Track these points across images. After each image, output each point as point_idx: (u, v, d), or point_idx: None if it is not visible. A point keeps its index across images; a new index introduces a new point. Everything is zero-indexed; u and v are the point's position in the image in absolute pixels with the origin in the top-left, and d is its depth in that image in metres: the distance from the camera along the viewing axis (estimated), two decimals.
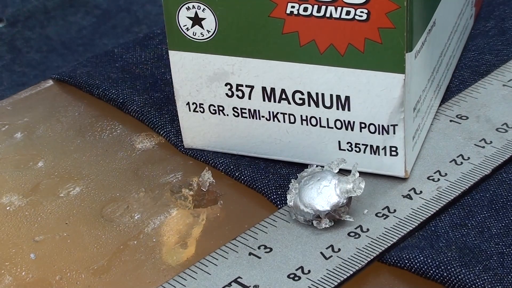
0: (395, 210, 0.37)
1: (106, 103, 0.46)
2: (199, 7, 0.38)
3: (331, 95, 0.38)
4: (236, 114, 0.40)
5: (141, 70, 0.49)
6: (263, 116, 0.40)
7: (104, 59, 0.50)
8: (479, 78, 0.46)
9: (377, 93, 0.37)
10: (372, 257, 0.35)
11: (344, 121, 0.38)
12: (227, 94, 0.40)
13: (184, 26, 0.39)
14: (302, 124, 0.39)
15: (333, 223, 0.36)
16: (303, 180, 0.37)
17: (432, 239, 0.36)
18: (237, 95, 0.40)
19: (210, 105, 0.40)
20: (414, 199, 0.38)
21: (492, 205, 0.38)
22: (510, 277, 0.34)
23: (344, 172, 0.38)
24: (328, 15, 0.36)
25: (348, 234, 0.36)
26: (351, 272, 0.34)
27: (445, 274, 0.34)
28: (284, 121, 0.39)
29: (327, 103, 0.38)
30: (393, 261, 0.35)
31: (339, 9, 0.36)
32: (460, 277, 0.34)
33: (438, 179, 0.39)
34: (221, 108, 0.40)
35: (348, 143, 0.39)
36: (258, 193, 0.39)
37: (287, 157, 0.40)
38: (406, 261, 0.35)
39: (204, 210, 0.39)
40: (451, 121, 0.43)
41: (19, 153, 0.44)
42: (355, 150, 0.39)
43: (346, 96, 0.38)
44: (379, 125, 0.38)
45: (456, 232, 0.36)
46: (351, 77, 0.37)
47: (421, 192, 0.38)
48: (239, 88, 0.39)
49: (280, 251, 0.36)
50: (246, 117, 0.40)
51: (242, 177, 0.40)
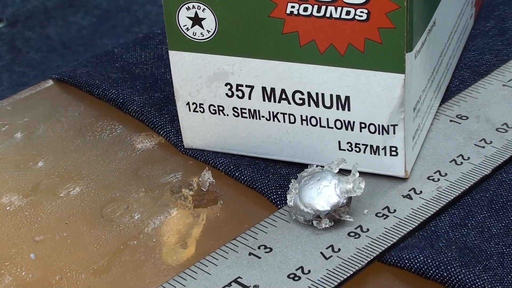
0: (395, 210, 0.37)
1: (106, 103, 0.46)
2: (199, 7, 0.38)
3: (331, 95, 0.38)
4: (236, 114, 0.40)
5: (141, 70, 0.49)
6: (263, 116, 0.40)
7: (104, 59, 0.50)
8: (479, 78, 0.46)
9: (377, 93, 0.37)
10: (372, 257, 0.35)
11: (344, 121, 0.38)
12: (227, 94, 0.40)
13: (184, 26, 0.39)
14: (302, 124, 0.39)
15: (333, 223, 0.36)
16: (303, 180, 0.37)
17: (432, 239, 0.36)
18: (237, 95, 0.40)
19: (210, 105, 0.40)
20: (414, 199, 0.38)
21: (492, 205, 0.38)
22: (510, 277, 0.34)
23: (344, 172, 0.38)
24: (328, 15, 0.36)
25: (348, 234, 0.36)
26: (351, 272, 0.34)
27: (445, 274, 0.34)
28: (284, 121, 0.39)
29: (327, 103, 0.38)
30: (393, 261, 0.35)
31: (339, 9, 0.36)
32: (460, 277, 0.34)
33: (438, 179, 0.39)
34: (221, 108, 0.40)
35: (348, 143, 0.39)
36: (258, 193, 0.39)
37: (287, 157, 0.40)
38: (406, 261, 0.35)
39: (204, 210, 0.39)
40: (451, 121, 0.43)
41: (19, 153, 0.44)
42: (355, 150, 0.39)
43: (346, 96, 0.38)
44: (379, 125, 0.38)
45: (456, 232, 0.36)
46: (351, 77, 0.37)
47: (421, 192, 0.38)
48: (239, 88, 0.39)
49: (280, 251, 0.36)
50: (246, 117, 0.40)
51: (242, 177, 0.40)
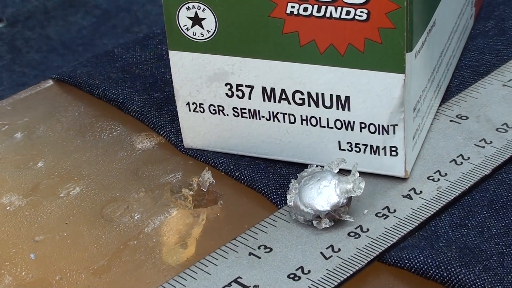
0: (395, 210, 0.37)
1: (106, 103, 0.46)
2: (199, 7, 0.38)
3: (331, 95, 0.38)
4: (236, 114, 0.40)
5: (141, 70, 0.49)
6: (263, 116, 0.40)
7: (104, 59, 0.50)
8: (479, 78, 0.46)
9: (377, 93, 0.37)
10: (372, 257, 0.35)
11: (344, 121, 0.38)
12: (227, 94, 0.40)
13: (184, 26, 0.39)
14: (302, 124, 0.39)
15: (333, 223, 0.36)
16: (303, 180, 0.37)
17: (432, 239, 0.36)
18: (237, 95, 0.40)
19: (210, 105, 0.40)
20: (414, 199, 0.38)
21: (492, 205, 0.38)
22: (510, 277, 0.34)
23: (344, 172, 0.38)
24: (328, 15, 0.36)
25: (348, 234, 0.36)
26: (351, 272, 0.34)
27: (445, 274, 0.34)
28: (284, 121, 0.39)
29: (327, 103, 0.38)
30: (393, 261, 0.35)
31: (339, 9, 0.36)
32: (460, 277, 0.34)
33: (438, 179, 0.39)
34: (221, 108, 0.40)
35: (348, 143, 0.39)
36: (258, 193, 0.39)
37: (287, 157, 0.40)
38: (406, 261, 0.35)
39: (204, 210, 0.39)
40: (451, 121, 0.43)
41: (19, 153, 0.44)
42: (355, 150, 0.39)
43: (346, 96, 0.38)
44: (379, 125, 0.38)
45: (456, 232, 0.36)
46: (351, 77, 0.37)
47: (421, 192, 0.38)
48: (239, 88, 0.39)
49: (280, 251, 0.36)
50: (246, 117, 0.40)
51: (242, 177, 0.40)
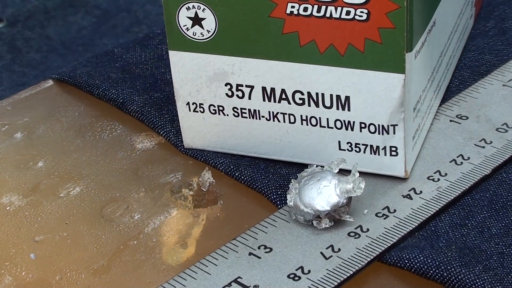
0: (395, 210, 0.37)
1: (106, 103, 0.46)
2: (199, 7, 0.38)
3: (331, 95, 0.38)
4: (236, 114, 0.40)
5: (141, 70, 0.49)
6: (263, 116, 0.40)
7: (104, 59, 0.50)
8: (479, 78, 0.46)
9: (377, 93, 0.37)
10: (372, 257, 0.35)
11: (344, 121, 0.38)
12: (227, 94, 0.40)
13: (184, 26, 0.39)
14: (302, 124, 0.39)
15: (333, 223, 0.36)
16: (303, 180, 0.37)
17: (432, 239, 0.36)
18: (237, 95, 0.40)
19: (210, 105, 0.40)
20: (414, 199, 0.38)
21: (492, 205, 0.38)
22: (510, 277, 0.34)
23: (344, 172, 0.38)
24: (328, 15, 0.36)
25: (348, 234, 0.36)
26: (351, 272, 0.34)
27: (445, 274, 0.34)
28: (284, 121, 0.39)
29: (327, 103, 0.38)
30: (393, 261, 0.35)
31: (339, 9, 0.36)
32: (460, 277, 0.34)
33: (438, 179, 0.39)
34: (221, 108, 0.40)
35: (348, 143, 0.39)
36: (258, 193, 0.39)
37: (287, 157, 0.40)
38: (406, 261, 0.35)
39: (204, 210, 0.39)
40: (451, 121, 0.43)
41: (19, 153, 0.44)
42: (355, 150, 0.39)
43: (346, 96, 0.38)
44: (379, 125, 0.38)
45: (456, 232, 0.36)
46: (351, 77, 0.37)
47: (421, 192, 0.38)
48: (239, 88, 0.39)
49: (280, 251, 0.36)
50: (246, 117, 0.40)
51: (242, 177, 0.40)
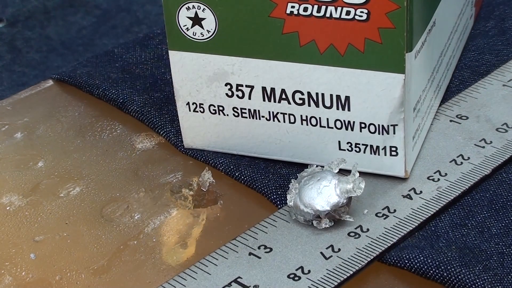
0: (395, 210, 0.37)
1: (106, 103, 0.46)
2: (199, 7, 0.38)
3: (331, 95, 0.38)
4: (236, 114, 0.40)
5: (141, 70, 0.49)
6: (263, 116, 0.40)
7: (104, 59, 0.50)
8: (479, 78, 0.46)
9: (377, 93, 0.37)
10: (372, 257, 0.35)
11: (344, 121, 0.38)
12: (227, 94, 0.40)
13: (184, 26, 0.39)
14: (302, 124, 0.39)
15: (333, 223, 0.36)
16: (303, 180, 0.37)
17: (432, 239, 0.36)
18: (237, 95, 0.40)
19: (210, 105, 0.40)
20: (414, 199, 0.38)
21: (492, 205, 0.38)
22: (510, 277, 0.34)
23: (344, 172, 0.38)
24: (328, 15, 0.36)
25: (348, 234, 0.36)
26: (351, 272, 0.34)
27: (445, 274, 0.34)
28: (284, 121, 0.39)
29: (327, 103, 0.38)
30: (393, 261, 0.35)
31: (339, 9, 0.36)
32: (460, 277, 0.34)
33: (438, 179, 0.39)
34: (221, 108, 0.40)
35: (348, 143, 0.39)
36: (258, 193, 0.39)
37: (287, 157, 0.40)
38: (406, 261, 0.35)
39: (204, 210, 0.39)
40: (451, 121, 0.43)
41: (19, 153, 0.44)
42: (355, 150, 0.39)
43: (346, 96, 0.38)
44: (379, 125, 0.38)
45: (456, 232, 0.36)
46: (351, 77, 0.37)
47: (421, 192, 0.38)
48: (239, 88, 0.39)
49: (280, 251, 0.36)
50: (246, 117, 0.40)
51: (242, 177, 0.40)
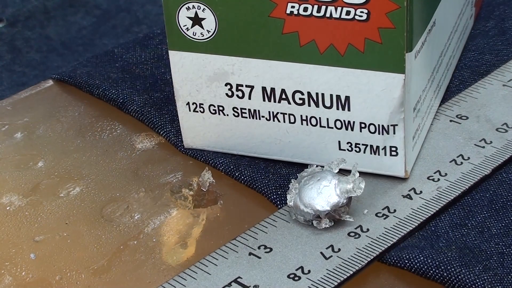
0: (395, 210, 0.37)
1: (106, 103, 0.46)
2: (199, 7, 0.38)
3: (331, 95, 0.38)
4: (236, 114, 0.40)
5: (141, 70, 0.49)
6: (263, 116, 0.40)
7: (104, 59, 0.50)
8: (479, 78, 0.46)
9: (377, 93, 0.37)
10: (372, 257, 0.35)
11: (344, 121, 0.38)
12: (227, 94, 0.40)
13: (184, 26, 0.39)
14: (302, 124, 0.39)
15: (333, 223, 0.36)
16: (303, 180, 0.37)
17: (432, 239, 0.36)
18: (237, 95, 0.40)
19: (210, 105, 0.40)
20: (414, 199, 0.38)
21: (492, 205, 0.38)
22: (510, 277, 0.34)
23: (344, 172, 0.38)
24: (328, 15, 0.36)
25: (348, 234, 0.36)
26: (351, 272, 0.34)
27: (445, 274, 0.34)
28: (284, 121, 0.39)
29: (327, 103, 0.38)
30: (393, 261, 0.35)
31: (339, 9, 0.36)
32: (460, 277, 0.34)
33: (438, 179, 0.39)
34: (221, 108, 0.40)
35: (348, 143, 0.39)
36: (258, 193, 0.39)
37: (287, 157, 0.40)
38: (406, 261, 0.35)
39: (204, 210, 0.39)
40: (451, 121, 0.43)
41: (19, 153, 0.44)
42: (355, 150, 0.39)
43: (346, 96, 0.38)
44: (379, 125, 0.38)
45: (456, 232, 0.36)
46: (351, 77, 0.37)
47: (421, 192, 0.38)
48: (239, 88, 0.39)
49: (280, 251, 0.36)
50: (246, 117, 0.40)
51: (242, 177, 0.40)
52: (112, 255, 0.36)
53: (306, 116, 0.39)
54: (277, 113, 0.39)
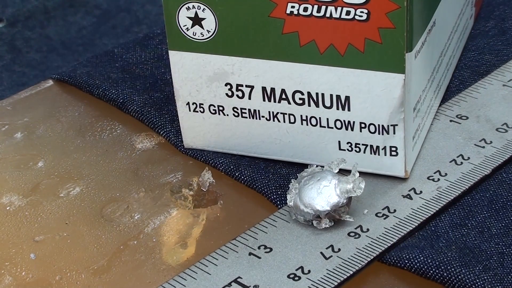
0: (395, 210, 0.37)
1: (106, 103, 0.46)
2: (199, 7, 0.38)
3: (331, 95, 0.38)
4: (236, 114, 0.40)
5: (141, 70, 0.49)
6: (263, 116, 0.40)
7: (104, 59, 0.50)
8: (479, 78, 0.46)
9: (377, 93, 0.37)
10: (372, 257, 0.35)
11: (344, 121, 0.38)
12: (227, 94, 0.40)
13: (184, 26, 0.39)
14: (302, 124, 0.39)
15: (333, 223, 0.36)
16: (303, 180, 0.37)
17: (432, 239, 0.36)
18: (237, 95, 0.40)
19: (210, 105, 0.40)
20: (414, 199, 0.38)
21: (492, 205, 0.38)
22: (510, 277, 0.34)
23: (344, 172, 0.38)
24: (328, 15, 0.36)
25: (348, 234, 0.36)
26: (351, 272, 0.34)
27: (445, 274, 0.34)
28: (284, 121, 0.39)
29: (327, 103, 0.38)
30: (393, 261, 0.35)
31: (339, 9, 0.36)
32: (460, 277, 0.34)
33: (438, 179, 0.39)
34: (221, 108, 0.40)
35: (348, 143, 0.39)
36: (258, 193, 0.39)
37: (287, 157, 0.40)
38: (406, 261, 0.35)
39: (204, 210, 0.39)
40: (451, 121, 0.43)
41: (19, 153, 0.44)
42: (355, 150, 0.39)
43: (346, 96, 0.38)
44: (379, 125, 0.38)
45: (456, 232, 0.36)
46: (351, 77, 0.37)
47: (421, 192, 0.38)
48: (239, 88, 0.39)
49: (280, 251, 0.36)
50: (246, 117, 0.40)
51: (242, 177, 0.40)
52: (112, 255, 0.36)
53: (306, 116, 0.39)
54: (277, 113, 0.39)
